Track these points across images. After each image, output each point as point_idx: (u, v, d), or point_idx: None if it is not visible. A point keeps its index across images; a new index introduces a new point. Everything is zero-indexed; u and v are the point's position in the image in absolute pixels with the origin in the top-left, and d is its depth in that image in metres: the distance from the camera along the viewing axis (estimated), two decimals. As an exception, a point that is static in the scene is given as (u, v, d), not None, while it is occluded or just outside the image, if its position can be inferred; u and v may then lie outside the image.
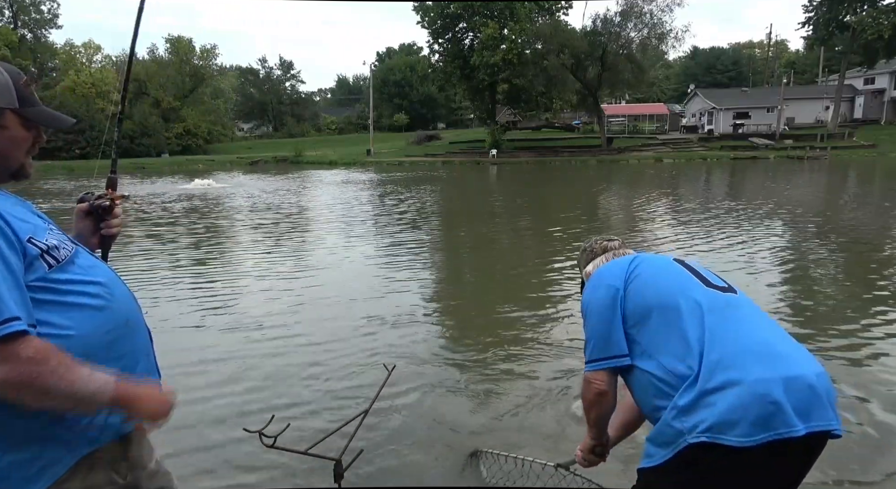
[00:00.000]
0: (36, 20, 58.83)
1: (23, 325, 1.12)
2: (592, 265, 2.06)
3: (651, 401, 1.65)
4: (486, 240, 11.03)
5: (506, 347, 4.88)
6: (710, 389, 1.47)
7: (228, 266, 8.69)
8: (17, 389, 1.12)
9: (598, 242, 2.12)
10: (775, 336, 1.60)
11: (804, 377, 1.48)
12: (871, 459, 3.08)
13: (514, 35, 41.61)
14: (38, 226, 1.25)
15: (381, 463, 3.14)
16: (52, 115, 1.36)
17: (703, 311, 1.60)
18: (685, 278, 1.74)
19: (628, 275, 1.78)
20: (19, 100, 1.27)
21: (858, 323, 5.33)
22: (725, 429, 1.43)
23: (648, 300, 1.70)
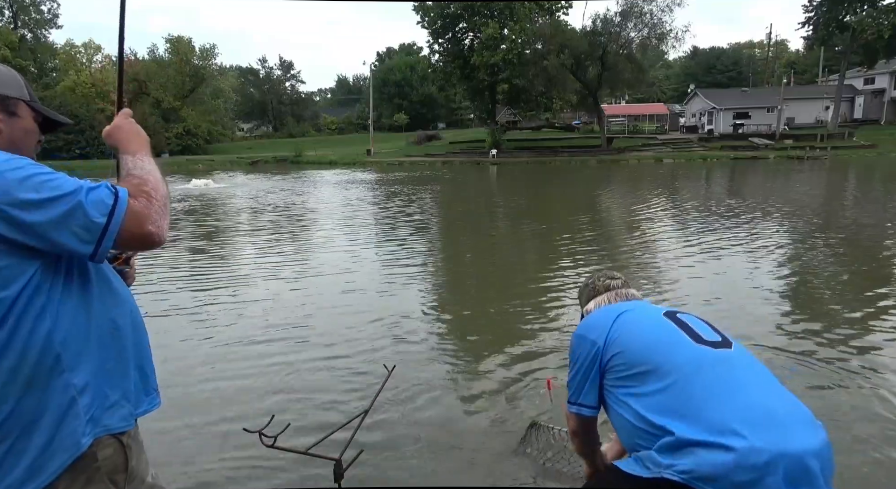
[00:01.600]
0: (36, 20, 58.83)
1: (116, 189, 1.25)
2: (594, 303, 2.07)
3: (632, 440, 1.68)
4: (486, 240, 11.04)
5: (506, 347, 4.88)
6: (698, 443, 1.45)
7: (228, 266, 8.69)
8: (165, 211, 1.30)
9: (600, 280, 2.12)
10: (772, 398, 1.53)
11: (802, 457, 1.41)
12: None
13: (514, 35, 41.61)
14: None
15: (381, 463, 3.14)
16: (52, 111, 1.45)
17: (689, 372, 1.57)
18: (673, 335, 1.70)
19: (610, 330, 1.79)
20: (29, 93, 1.37)
21: (860, 321, 5.34)
22: (705, 480, 1.42)
23: (630, 357, 1.70)
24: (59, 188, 1.17)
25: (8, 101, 1.32)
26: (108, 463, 1.30)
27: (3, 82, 1.33)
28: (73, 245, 1.18)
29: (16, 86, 1.35)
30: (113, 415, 1.31)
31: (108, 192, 1.22)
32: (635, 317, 1.83)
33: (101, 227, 1.19)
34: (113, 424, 1.31)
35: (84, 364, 1.26)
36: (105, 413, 1.30)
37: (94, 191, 1.21)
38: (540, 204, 17.11)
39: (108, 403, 1.30)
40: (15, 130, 1.33)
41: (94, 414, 1.27)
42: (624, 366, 1.70)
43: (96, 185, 1.23)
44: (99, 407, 1.28)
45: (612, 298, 2.04)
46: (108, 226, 1.19)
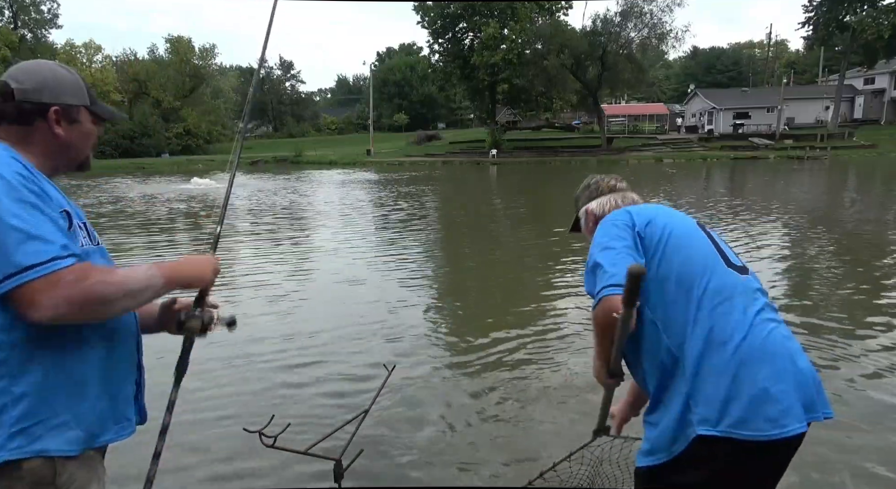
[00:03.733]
0: (36, 20, 58.78)
1: (66, 263, 1.18)
2: (597, 204, 1.91)
3: (657, 362, 1.57)
4: (486, 241, 11.03)
5: (507, 346, 4.88)
6: (723, 382, 1.45)
7: (227, 265, 8.68)
8: (79, 306, 1.18)
9: (605, 180, 1.96)
10: (782, 327, 1.58)
11: (808, 371, 1.52)
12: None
13: (514, 35, 41.62)
14: (72, 210, 1.32)
15: (381, 463, 3.14)
16: (112, 110, 1.52)
17: (722, 298, 1.54)
18: (711, 253, 1.63)
19: (650, 223, 1.65)
20: (90, 97, 1.42)
21: (861, 319, 5.34)
22: (739, 425, 1.43)
23: (673, 265, 1.58)
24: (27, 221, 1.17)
25: (71, 109, 1.37)
26: (32, 474, 1.21)
27: (66, 91, 1.37)
28: None
29: (78, 93, 1.39)
30: (56, 436, 1.23)
31: (64, 267, 1.17)
32: (674, 221, 1.68)
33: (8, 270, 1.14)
34: (50, 446, 1.22)
35: (29, 375, 1.21)
36: (46, 431, 1.22)
37: (54, 262, 1.17)
38: (540, 204, 17.10)
39: (52, 422, 1.23)
40: (74, 136, 1.38)
41: (27, 427, 1.20)
42: (665, 272, 1.58)
43: (69, 263, 1.18)
44: (36, 422, 1.21)
45: (619, 201, 1.88)
46: (14, 276, 1.14)
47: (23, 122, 1.32)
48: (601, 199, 1.92)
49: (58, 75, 1.37)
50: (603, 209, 1.87)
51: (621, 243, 1.60)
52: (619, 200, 1.88)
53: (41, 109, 1.32)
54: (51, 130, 1.34)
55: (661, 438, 1.56)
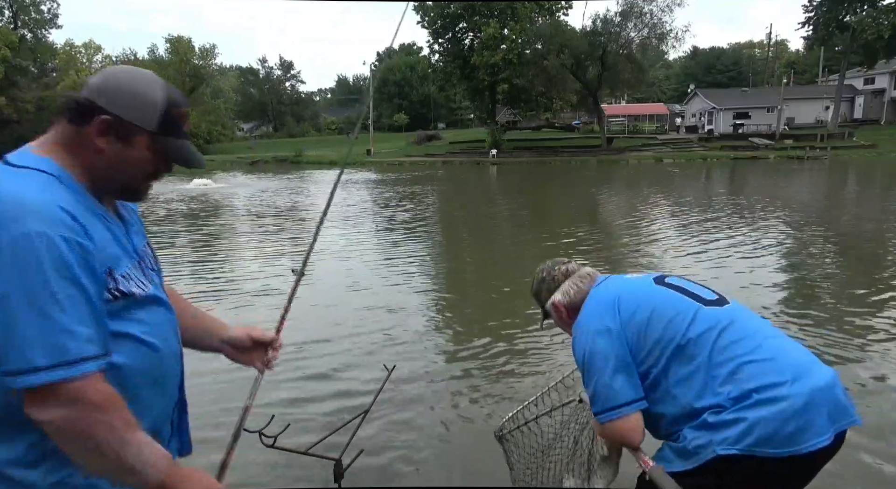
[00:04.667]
0: (36, 20, 58.76)
1: (93, 367, 1.03)
2: (561, 294, 1.91)
3: (668, 429, 1.64)
4: (487, 241, 11.03)
5: (506, 347, 4.88)
6: (742, 407, 1.47)
7: (227, 265, 8.69)
8: (67, 435, 1.03)
9: (556, 268, 1.97)
10: (785, 344, 1.60)
11: (829, 386, 1.52)
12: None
13: (514, 35, 41.61)
14: (117, 256, 1.16)
15: (381, 463, 3.14)
16: (186, 152, 1.25)
17: (713, 336, 1.57)
18: (679, 303, 1.67)
19: (620, 313, 1.68)
20: (161, 125, 1.18)
21: (860, 317, 5.34)
22: (761, 443, 1.44)
23: (652, 338, 1.62)
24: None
25: (125, 126, 1.15)
26: None
27: (129, 104, 1.15)
28: None
29: (145, 113, 1.16)
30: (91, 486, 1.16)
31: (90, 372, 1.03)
32: (633, 295, 1.73)
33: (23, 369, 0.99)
34: None
35: None
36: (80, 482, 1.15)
37: (81, 364, 1.02)
38: (540, 204, 17.10)
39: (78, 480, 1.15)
40: (117, 156, 1.16)
41: (63, 480, 1.13)
42: (650, 350, 1.61)
43: (96, 368, 1.04)
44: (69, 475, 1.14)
45: (579, 284, 1.89)
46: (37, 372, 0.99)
47: (77, 122, 1.14)
48: (562, 287, 1.92)
49: (131, 85, 1.16)
50: (568, 296, 1.89)
51: (610, 364, 1.63)
52: (578, 284, 1.89)
53: (92, 113, 1.13)
54: (94, 140, 1.14)
55: (678, 451, 1.57)
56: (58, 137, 1.16)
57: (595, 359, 1.65)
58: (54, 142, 1.16)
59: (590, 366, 1.67)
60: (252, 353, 1.57)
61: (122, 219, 1.26)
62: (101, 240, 1.11)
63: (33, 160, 1.12)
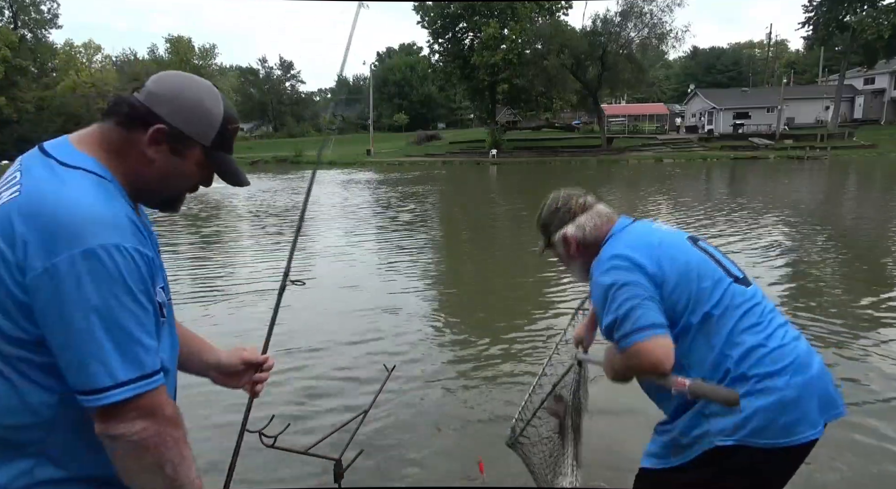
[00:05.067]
0: (36, 20, 58.81)
1: (163, 380, 1.03)
2: (575, 227, 1.76)
3: (664, 398, 1.61)
4: (487, 241, 11.03)
5: (507, 347, 4.88)
6: (744, 394, 1.45)
7: (227, 264, 8.69)
8: (138, 450, 1.00)
9: (573, 200, 1.81)
10: (792, 332, 1.60)
11: (821, 375, 1.53)
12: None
13: (514, 35, 41.63)
14: (161, 268, 1.15)
15: (381, 463, 3.14)
16: (234, 169, 1.22)
17: (737, 315, 1.53)
18: (713, 271, 1.59)
19: (656, 259, 1.55)
20: (216, 140, 1.16)
21: (859, 315, 5.34)
22: (757, 433, 1.45)
23: (682, 297, 1.53)
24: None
25: (181, 138, 1.12)
26: None
27: (190, 117, 1.12)
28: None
29: (203, 128, 1.13)
30: None
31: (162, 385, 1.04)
32: (670, 244, 1.62)
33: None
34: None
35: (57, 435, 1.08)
36: None
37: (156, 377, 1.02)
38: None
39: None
40: (168, 167, 1.13)
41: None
42: (672, 311, 1.53)
43: (164, 382, 1.04)
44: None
45: (597, 220, 1.75)
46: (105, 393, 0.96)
47: (126, 126, 1.09)
48: (578, 220, 1.77)
49: (195, 98, 1.13)
50: (583, 231, 1.75)
51: (641, 294, 1.51)
52: (596, 221, 1.75)
53: (149, 120, 1.09)
54: (143, 149, 1.09)
55: (672, 445, 1.57)
56: (102, 139, 1.10)
57: (624, 288, 1.51)
58: (98, 142, 1.10)
59: (616, 295, 1.52)
60: (241, 376, 1.49)
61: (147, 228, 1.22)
62: (155, 254, 1.10)
63: (81, 159, 1.05)
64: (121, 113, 1.09)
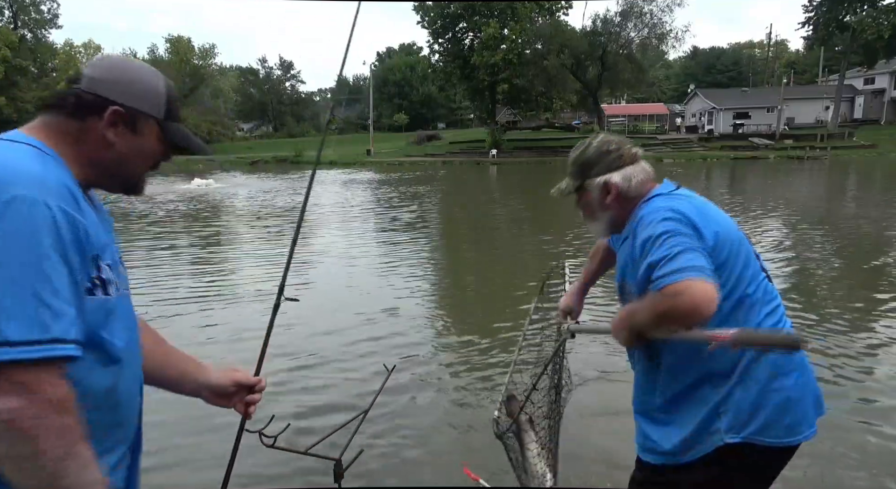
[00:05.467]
0: (36, 20, 58.77)
1: (70, 351, 0.92)
2: (622, 176, 1.60)
3: (715, 366, 1.48)
4: (487, 241, 11.03)
5: (506, 347, 4.88)
6: (755, 389, 1.46)
7: (227, 264, 8.69)
8: (10, 435, 0.86)
9: (627, 147, 1.65)
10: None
11: (813, 375, 1.57)
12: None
13: (514, 35, 41.64)
14: (106, 244, 1.07)
15: (382, 462, 3.14)
16: (189, 136, 1.24)
17: (765, 311, 1.52)
18: (755, 261, 1.56)
19: (712, 230, 1.46)
20: (167, 111, 1.17)
21: (858, 315, 5.34)
22: (763, 431, 1.46)
23: (725, 279, 1.46)
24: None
25: (136, 116, 1.12)
26: None
27: (138, 93, 1.12)
28: None
29: (154, 101, 1.15)
30: None
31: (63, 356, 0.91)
32: (724, 221, 1.55)
33: None
34: None
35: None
36: None
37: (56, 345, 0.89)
38: (540, 204, 17.10)
39: None
40: (129, 147, 1.12)
41: None
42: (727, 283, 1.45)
43: (72, 353, 0.92)
44: None
45: (643, 176, 1.62)
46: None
47: (77, 116, 1.08)
48: (625, 170, 1.61)
49: (137, 75, 1.14)
50: (629, 183, 1.60)
51: (695, 247, 1.39)
52: (643, 177, 1.61)
53: (100, 105, 1.09)
54: (103, 133, 1.09)
55: (678, 441, 1.54)
56: (51, 128, 1.08)
57: (680, 236, 1.40)
58: (47, 131, 1.08)
59: (669, 240, 1.40)
60: (233, 397, 1.44)
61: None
62: (93, 224, 1.03)
63: (25, 139, 1.05)
64: (68, 105, 1.08)
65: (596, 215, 1.69)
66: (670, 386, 1.56)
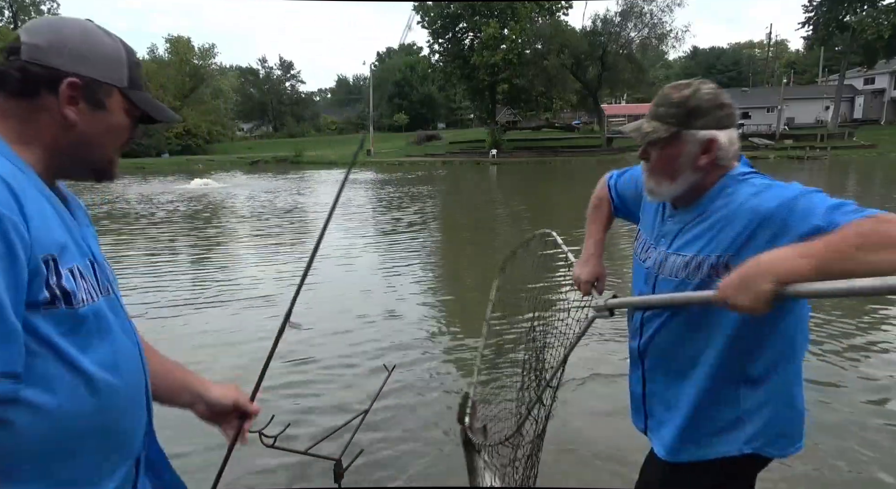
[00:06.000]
0: (36, 20, 58.87)
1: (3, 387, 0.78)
2: (728, 138, 1.36)
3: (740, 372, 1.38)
4: (487, 241, 11.03)
5: (507, 346, 4.88)
6: (779, 401, 1.40)
7: (227, 264, 8.68)
8: None
9: (735, 109, 1.41)
10: None
11: None
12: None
13: (514, 35, 41.66)
14: (67, 247, 0.90)
15: (382, 463, 3.14)
16: (157, 104, 1.05)
17: (806, 319, 1.45)
18: None
19: None
20: (130, 79, 0.99)
21: (856, 314, 5.34)
22: (770, 444, 1.41)
23: None
24: None
25: (97, 88, 0.94)
26: None
27: (94, 59, 0.94)
28: None
29: (114, 67, 0.96)
30: None
31: None
32: None
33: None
34: None
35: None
36: None
37: None
38: (540, 204, 17.09)
39: None
40: (94, 126, 0.95)
41: None
42: None
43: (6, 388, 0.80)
44: None
45: (736, 148, 1.40)
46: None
47: (25, 94, 0.90)
48: (731, 132, 1.37)
49: (88, 37, 0.94)
50: (730, 149, 1.37)
51: None
52: (736, 146, 1.40)
53: (52, 78, 0.90)
54: (60, 111, 0.91)
55: (688, 441, 1.46)
56: (1, 118, 0.91)
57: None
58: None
59: (819, 193, 1.26)
60: (227, 417, 1.36)
61: (75, 217, 0.99)
62: (43, 219, 0.85)
63: None
64: (13, 82, 0.89)
65: (677, 175, 1.38)
66: (704, 382, 1.41)
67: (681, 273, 1.38)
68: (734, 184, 1.36)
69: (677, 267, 1.39)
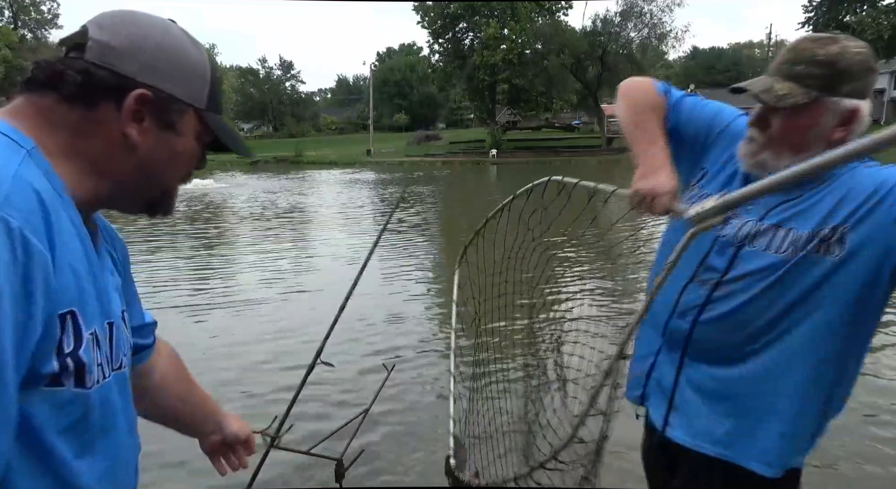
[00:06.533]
0: (36, 20, 58.77)
1: None
2: (867, 109, 1.23)
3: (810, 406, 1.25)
4: (487, 241, 11.04)
5: (507, 346, 4.88)
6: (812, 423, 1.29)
7: (227, 264, 8.68)
8: None
9: None
10: None
11: None
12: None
13: (514, 35, 41.69)
14: (88, 303, 0.69)
15: (382, 462, 3.15)
16: (234, 132, 0.89)
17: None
18: None
19: None
20: (209, 100, 0.81)
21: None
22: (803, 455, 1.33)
23: None
24: None
25: (171, 105, 0.77)
26: None
27: (175, 72, 0.76)
28: None
29: (194, 82, 0.79)
30: None
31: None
32: None
33: None
34: None
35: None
36: None
37: None
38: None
39: None
40: (158, 150, 0.77)
41: None
42: None
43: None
44: None
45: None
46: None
47: (82, 100, 0.71)
48: (866, 106, 1.23)
49: (171, 43, 0.76)
50: (865, 123, 1.23)
51: None
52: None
53: (119, 87, 0.72)
54: (120, 128, 0.73)
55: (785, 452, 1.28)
56: (41, 114, 0.71)
57: None
58: (35, 119, 0.71)
59: None
60: (230, 450, 1.31)
61: (100, 258, 0.78)
62: (71, 264, 0.66)
63: (3, 126, 0.69)
64: (71, 83, 0.71)
65: (806, 148, 1.17)
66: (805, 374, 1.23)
67: (783, 247, 1.17)
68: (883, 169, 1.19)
69: (778, 240, 1.18)
